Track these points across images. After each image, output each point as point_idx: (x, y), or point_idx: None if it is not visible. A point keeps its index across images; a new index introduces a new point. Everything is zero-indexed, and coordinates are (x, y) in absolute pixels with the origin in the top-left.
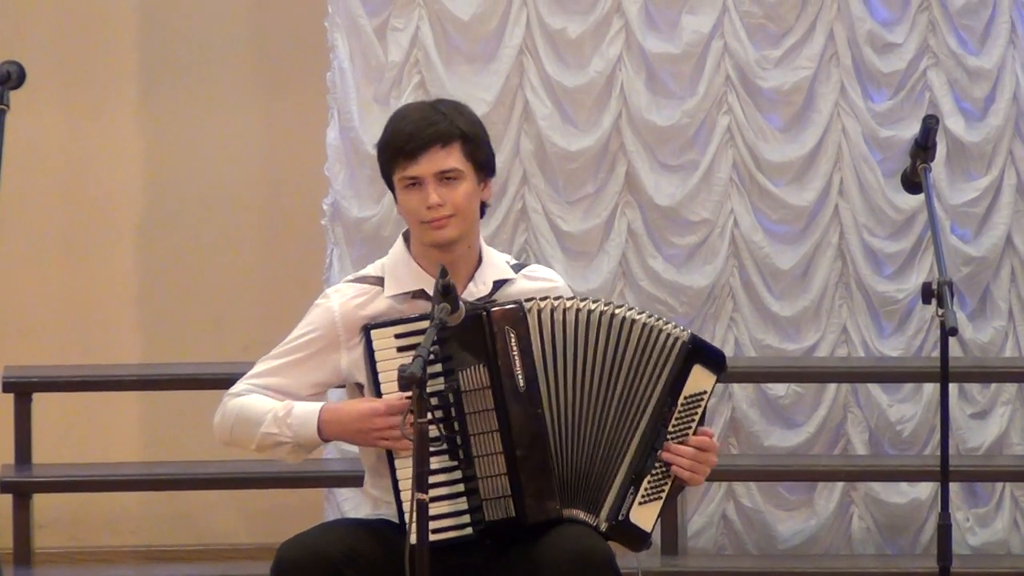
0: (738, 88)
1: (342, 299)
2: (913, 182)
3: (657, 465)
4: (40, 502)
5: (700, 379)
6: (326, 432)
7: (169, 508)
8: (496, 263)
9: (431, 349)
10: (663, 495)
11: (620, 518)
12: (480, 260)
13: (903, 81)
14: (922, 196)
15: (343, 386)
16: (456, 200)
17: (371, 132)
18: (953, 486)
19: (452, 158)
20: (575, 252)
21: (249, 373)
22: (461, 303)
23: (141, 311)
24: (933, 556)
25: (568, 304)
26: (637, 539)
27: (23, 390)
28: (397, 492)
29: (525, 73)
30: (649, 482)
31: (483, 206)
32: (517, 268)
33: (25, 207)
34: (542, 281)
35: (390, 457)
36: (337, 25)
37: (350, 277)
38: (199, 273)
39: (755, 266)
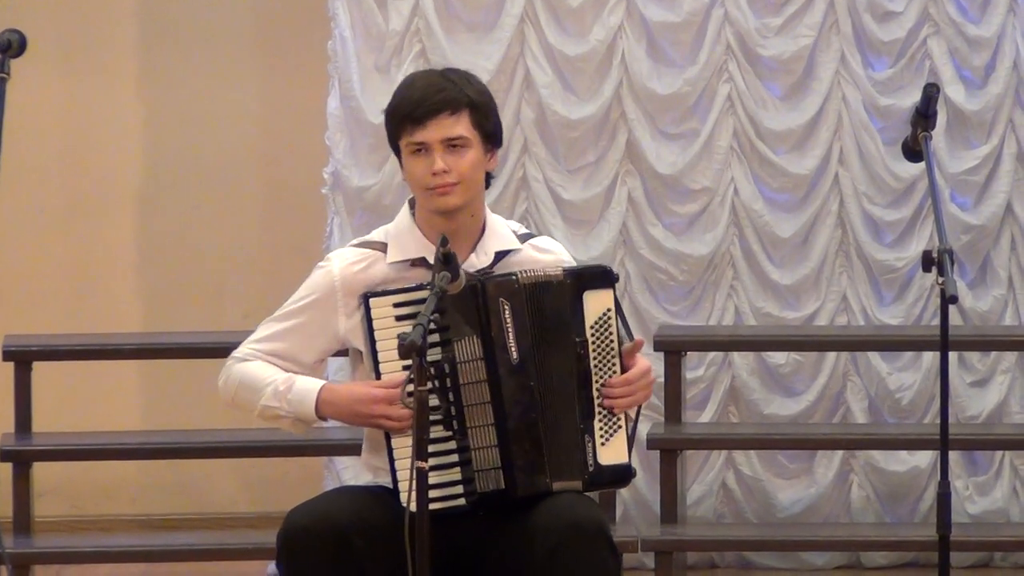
0: (738, 56)
1: (343, 263)
2: (913, 150)
3: (598, 403)
4: (40, 470)
5: (596, 302)
6: (323, 411)
7: (169, 477)
8: (500, 233)
9: (431, 317)
10: (620, 424)
11: (591, 468)
12: (484, 230)
13: (903, 49)
14: (922, 164)
15: (346, 352)
16: (462, 168)
17: (372, 101)
18: (952, 454)
19: (460, 126)
20: (576, 221)
21: (252, 336)
22: (462, 272)
23: (141, 279)
24: (932, 524)
25: (543, 275)
26: (619, 476)
27: (23, 359)
28: (392, 462)
29: (526, 41)
30: (600, 422)
31: (488, 177)
32: (524, 238)
33: (25, 176)
34: (547, 253)
35: (387, 433)
36: None
37: (354, 241)
38: (199, 241)
39: (755, 234)
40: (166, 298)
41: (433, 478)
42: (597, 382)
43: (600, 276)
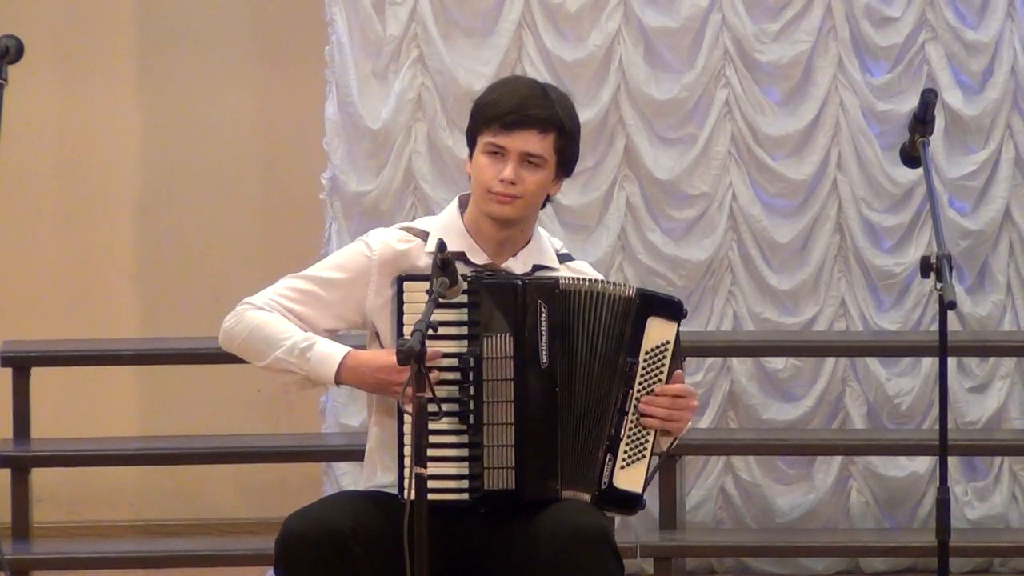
0: (736, 62)
1: (383, 243)
2: (911, 156)
3: (631, 427)
4: (38, 476)
5: (658, 331)
6: (344, 377)
7: (167, 483)
8: (544, 248)
9: (430, 321)
10: (646, 454)
11: (603, 486)
12: (528, 242)
13: (901, 55)
14: (920, 170)
15: (356, 331)
16: (529, 185)
17: (370, 106)
18: (952, 460)
19: (544, 145)
20: (574, 226)
21: (273, 287)
22: (460, 278)
23: (139, 285)
24: (932, 530)
25: (585, 286)
26: (628, 503)
27: (22, 364)
28: (401, 447)
29: (524, 47)
30: (627, 445)
31: (547, 200)
32: (564, 258)
33: (23, 181)
34: (579, 275)
35: (400, 421)
36: None
37: (398, 225)
38: (197, 247)
39: (753, 240)
40: (164, 304)
41: (439, 469)
42: (634, 405)
43: (670, 306)
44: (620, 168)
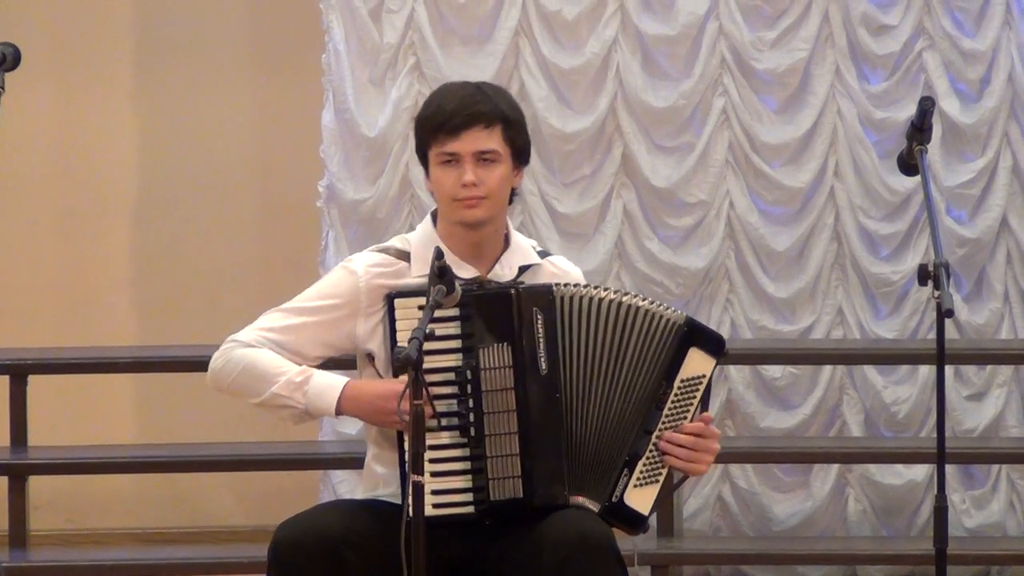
0: (733, 70)
1: (369, 268)
2: (909, 164)
3: (652, 449)
4: (35, 484)
5: (697, 362)
6: (344, 407)
7: (164, 490)
8: (523, 248)
9: (427, 329)
10: (659, 479)
11: (614, 500)
12: (507, 244)
13: (898, 63)
14: (918, 178)
15: (345, 357)
16: (491, 183)
17: (366, 114)
18: (949, 468)
19: (493, 140)
20: (571, 234)
21: (258, 323)
22: (457, 285)
23: (136, 293)
24: (929, 538)
25: (589, 293)
26: (633, 522)
27: (18, 372)
28: (403, 464)
29: (521, 55)
30: (644, 465)
31: (512, 193)
32: (542, 255)
33: (20, 189)
34: (565, 273)
35: (399, 434)
36: (332, 7)
37: (375, 247)
38: (194, 255)
39: (751, 247)
40: (161, 311)
41: (441, 484)
42: (660, 429)
43: (714, 341)
44: (617, 176)
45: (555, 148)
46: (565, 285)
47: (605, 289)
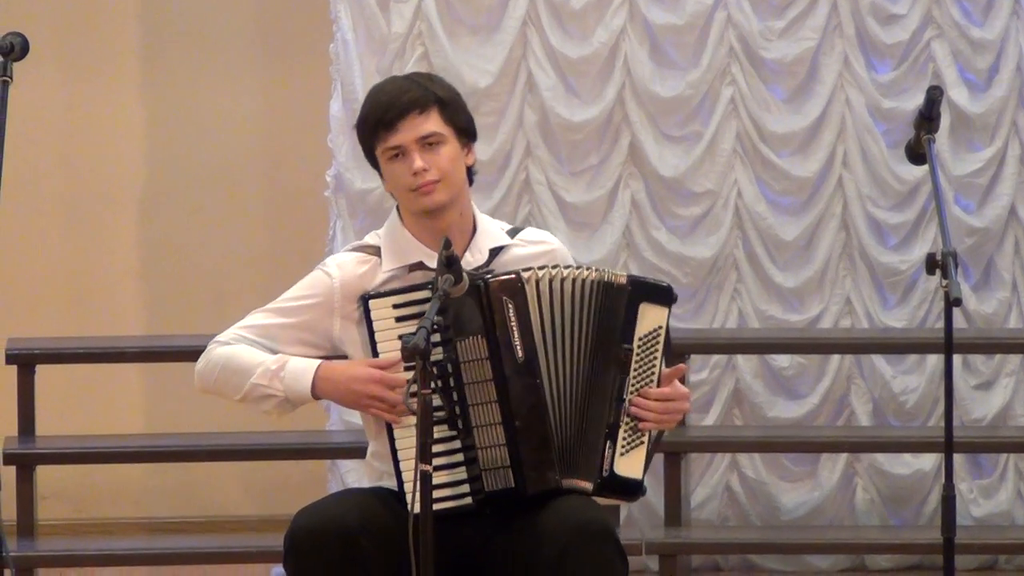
0: (741, 59)
1: (343, 268)
2: (917, 153)
3: (627, 413)
4: (43, 474)
5: (651, 317)
6: (319, 390)
7: (172, 480)
8: (491, 231)
9: (434, 320)
10: (643, 441)
11: (605, 474)
12: (475, 228)
13: (907, 52)
14: (926, 167)
15: (329, 357)
16: (440, 164)
17: None
18: (957, 457)
19: (431, 122)
20: (578, 223)
21: (239, 324)
22: (464, 275)
23: (143, 283)
24: (937, 527)
25: (560, 273)
26: (630, 489)
27: (26, 362)
28: (397, 462)
29: (529, 44)
30: (625, 432)
31: (470, 173)
32: (512, 233)
33: (27, 179)
34: (538, 245)
35: (389, 428)
36: None
37: (349, 246)
38: (201, 245)
39: (759, 237)
40: (169, 301)
41: (438, 478)
42: (631, 393)
43: (662, 292)
44: (625, 166)
45: (563, 138)
46: (532, 269)
47: (567, 267)
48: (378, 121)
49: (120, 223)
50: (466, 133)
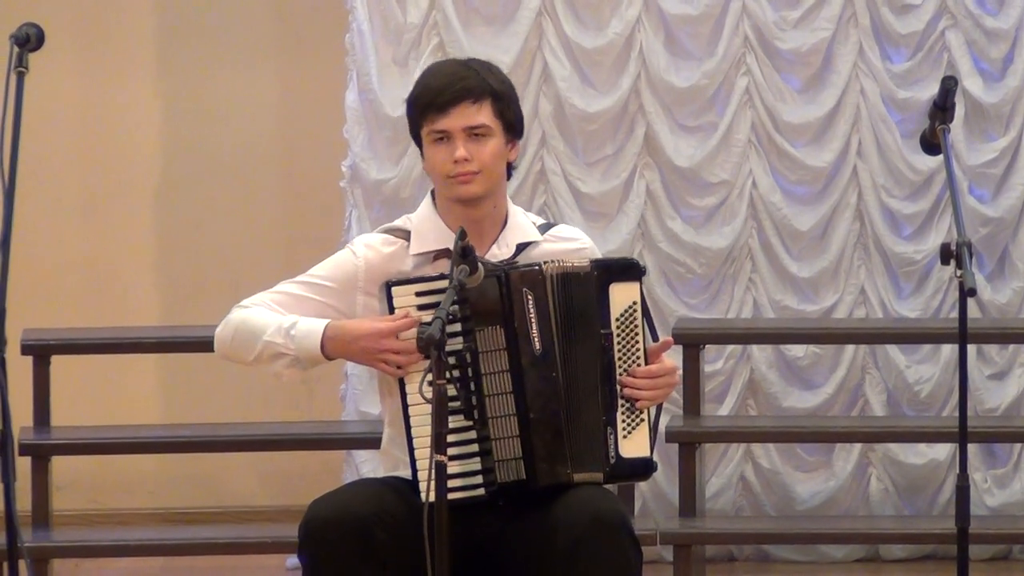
0: (756, 49)
1: (369, 249)
2: (931, 143)
3: (620, 396)
4: (59, 464)
5: (622, 295)
6: (329, 348)
7: (188, 470)
8: (522, 225)
9: (450, 310)
10: (642, 419)
11: (612, 460)
12: (506, 222)
13: (921, 42)
14: (940, 157)
15: None
16: (483, 157)
17: (390, 94)
18: (971, 447)
19: (482, 114)
20: (594, 214)
21: (266, 291)
22: (480, 265)
23: (159, 273)
24: (951, 517)
25: (563, 268)
26: (640, 469)
27: (42, 352)
28: (412, 451)
29: (544, 34)
30: (623, 415)
31: (509, 168)
32: (544, 229)
33: (43, 170)
34: (568, 242)
35: (406, 417)
36: None
37: (380, 228)
38: (217, 235)
39: (773, 227)
40: (184, 291)
41: (452, 468)
42: (621, 374)
43: (627, 269)
44: (640, 156)
45: (578, 128)
46: (554, 262)
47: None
48: (429, 103)
49: (136, 213)
50: (513, 129)
